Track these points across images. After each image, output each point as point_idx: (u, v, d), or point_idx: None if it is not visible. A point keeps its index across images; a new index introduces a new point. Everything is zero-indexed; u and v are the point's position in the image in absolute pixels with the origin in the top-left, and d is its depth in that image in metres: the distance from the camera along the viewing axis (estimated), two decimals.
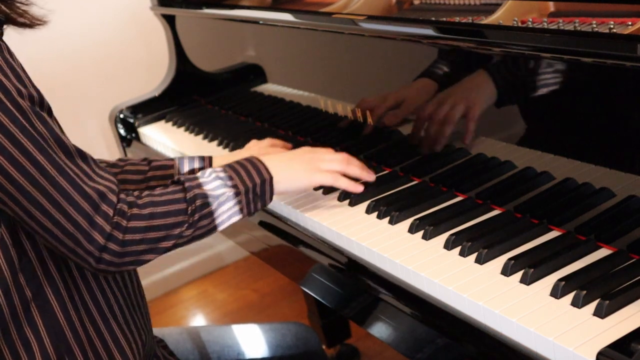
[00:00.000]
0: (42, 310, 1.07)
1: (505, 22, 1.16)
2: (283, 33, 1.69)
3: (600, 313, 0.91)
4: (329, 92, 1.60)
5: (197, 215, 1.11)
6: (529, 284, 1.00)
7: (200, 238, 1.15)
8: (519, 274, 1.02)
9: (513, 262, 1.04)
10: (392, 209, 1.26)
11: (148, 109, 2.12)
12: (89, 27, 2.50)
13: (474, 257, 1.09)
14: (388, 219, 1.25)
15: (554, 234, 1.11)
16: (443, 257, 1.12)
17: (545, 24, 1.11)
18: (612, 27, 1.01)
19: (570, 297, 0.95)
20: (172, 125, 2.03)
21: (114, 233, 1.03)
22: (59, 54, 2.45)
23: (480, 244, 1.10)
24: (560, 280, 0.97)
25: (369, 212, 1.29)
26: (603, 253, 1.04)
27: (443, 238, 1.15)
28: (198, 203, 1.11)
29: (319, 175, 1.26)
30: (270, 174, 1.21)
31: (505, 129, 1.22)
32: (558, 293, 0.96)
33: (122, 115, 2.12)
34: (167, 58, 2.20)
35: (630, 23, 1.00)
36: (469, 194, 1.27)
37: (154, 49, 2.48)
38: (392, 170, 1.43)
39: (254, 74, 1.89)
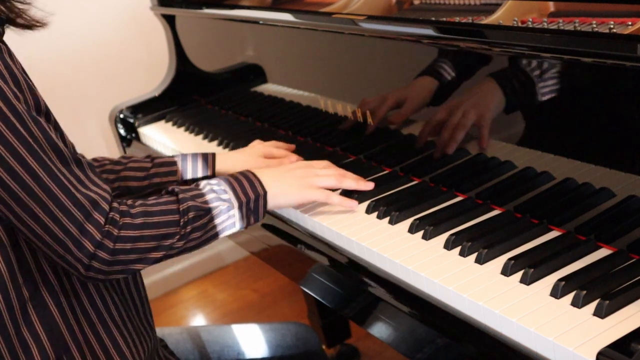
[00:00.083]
0: (39, 311, 1.06)
1: (505, 22, 1.16)
2: (283, 33, 1.69)
3: (600, 313, 0.91)
4: (329, 92, 1.60)
5: (189, 227, 1.11)
6: (529, 284, 1.00)
7: (192, 250, 1.15)
8: (519, 274, 1.02)
9: (513, 262, 1.04)
10: (392, 209, 1.26)
11: (148, 109, 2.12)
12: (89, 27, 2.50)
13: (474, 257, 1.09)
14: (388, 219, 1.25)
15: (554, 234, 1.11)
16: (443, 257, 1.12)
17: (545, 24, 1.11)
18: (612, 27, 1.01)
19: (570, 297, 0.95)
20: (172, 125, 2.03)
21: (105, 241, 1.02)
22: (59, 54, 2.45)
23: (480, 244, 1.10)
24: (560, 280, 0.97)
25: (369, 212, 1.29)
26: (603, 253, 1.04)
27: (443, 238, 1.15)
28: (191, 215, 1.11)
29: (312, 192, 1.27)
30: (265, 189, 1.21)
31: (505, 129, 1.22)
32: (558, 293, 0.96)
33: (122, 115, 2.11)
34: (167, 58, 2.20)
35: (630, 23, 1.00)
36: (469, 194, 1.27)
37: (154, 49, 2.48)
38: (392, 170, 1.43)
39: (254, 74, 1.89)
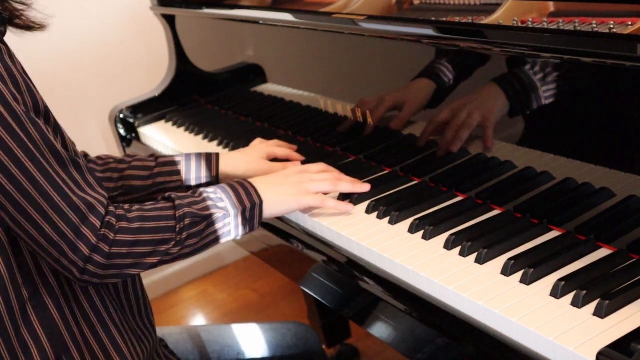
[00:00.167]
0: (39, 312, 1.07)
1: (505, 22, 1.16)
2: (283, 33, 1.69)
3: (600, 313, 0.91)
4: (329, 92, 1.60)
5: (185, 234, 1.11)
6: (529, 284, 1.00)
7: (187, 257, 1.14)
8: (519, 274, 1.02)
9: (513, 262, 1.04)
10: (392, 209, 1.26)
11: (148, 109, 2.12)
12: (89, 27, 2.50)
13: (474, 257, 1.09)
14: (388, 219, 1.25)
15: (554, 234, 1.11)
16: (443, 257, 1.12)
17: (545, 24, 1.11)
18: (612, 27, 1.01)
19: (570, 297, 0.95)
20: (172, 125, 2.03)
21: (100, 245, 1.02)
22: (59, 54, 2.45)
23: (480, 244, 1.10)
24: (560, 280, 0.97)
25: (369, 212, 1.29)
26: (603, 253, 1.04)
27: (443, 238, 1.15)
28: (187, 222, 1.11)
29: (307, 198, 1.27)
30: (261, 198, 1.21)
31: (505, 129, 1.22)
32: (558, 293, 0.96)
33: (122, 115, 2.11)
34: (167, 58, 2.20)
35: (630, 23, 1.00)
36: (469, 194, 1.27)
37: (154, 49, 2.48)
38: (392, 170, 1.43)
39: (254, 74, 1.89)
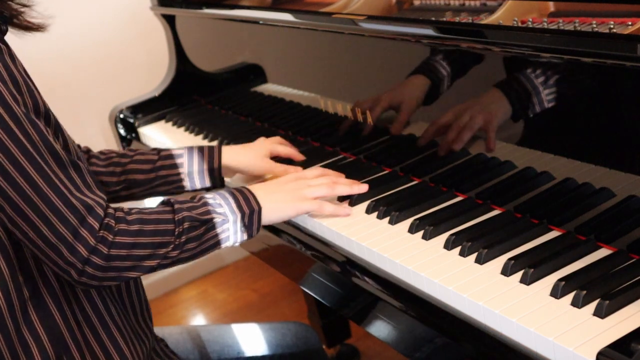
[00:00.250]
0: (39, 311, 1.07)
1: (505, 22, 1.16)
2: (283, 33, 1.69)
3: (600, 313, 0.91)
4: (329, 92, 1.60)
5: (184, 238, 1.11)
6: (529, 284, 1.00)
7: (186, 261, 1.14)
8: (519, 274, 1.02)
9: (513, 262, 1.04)
10: (392, 209, 1.26)
11: (148, 109, 2.12)
12: (89, 27, 2.50)
13: (474, 257, 1.09)
14: (388, 219, 1.25)
15: (554, 234, 1.11)
16: (443, 257, 1.12)
17: (545, 24, 1.11)
18: (612, 27, 1.01)
19: (570, 297, 0.95)
20: (172, 125, 2.03)
21: (99, 247, 1.02)
22: (59, 54, 2.45)
23: (480, 244, 1.10)
24: (560, 280, 0.97)
25: (369, 212, 1.29)
26: (603, 253, 1.04)
27: (443, 238, 1.15)
28: (186, 225, 1.11)
29: (305, 204, 1.26)
30: (260, 205, 1.21)
31: (506, 129, 1.22)
32: (558, 293, 0.96)
33: (122, 115, 2.11)
34: (167, 58, 2.20)
35: (630, 23, 1.00)
36: (469, 194, 1.27)
37: (154, 49, 2.48)
38: (392, 170, 1.43)
39: (254, 74, 1.89)
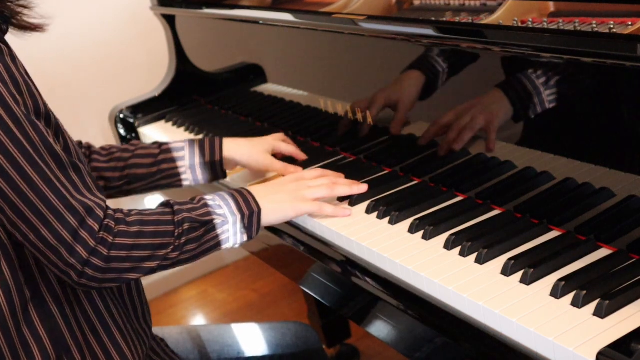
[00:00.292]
0: (40, 311, 1.07)
1: (505, 22, 1.16)
2: (283, 33, 1.69)
3: (600, 313, 0.91)
4: (329, 92, 1.60)
5: (184, 239, 1.10)
6: (529, 284, 1.00)
7: (186, 263, 1.14)
8: (519, 274, 1.02)
9: (513, 262, 1.04)
10: (392, 209, 1.26)
11: (148, 109, 2.12)
12: (89, 27, 2.50)
13: (474, 257, 1.09)
14: (388, 219, 1.25)
15: (554, 234, 1.11)
16: (443, 257, 1.12)
17: (545, 24, 1.11)
18: (612, 27, 1.01)
19: (570, 297, 0.95)
20: (172, 125, 2.03)
21: (99, 248, 1.02)
22: (59, 54, 2.45)
23: (480, 244, 1.10)
24: (560, 280, 0.97)
25: (369, 212, 1.29)
26: (603, 253, 1.04)
27: (443, 238, 1.15)
28: (186, 227, 1.11)
29: (305, 206, 1.26)
30: (259, 207, 1.20)
31: (506, 129, 1.22)
32: (558, 293, 0.96)
33: (122, 115, 2.11)
34: (167, 58, 2.20)
35: (630, 23, 1.00)
36: (469, 194, 1.27)
37: (154, 49, 2.48)
38: (392, 170, 1.43)
39: (254, 74, 1.89)
